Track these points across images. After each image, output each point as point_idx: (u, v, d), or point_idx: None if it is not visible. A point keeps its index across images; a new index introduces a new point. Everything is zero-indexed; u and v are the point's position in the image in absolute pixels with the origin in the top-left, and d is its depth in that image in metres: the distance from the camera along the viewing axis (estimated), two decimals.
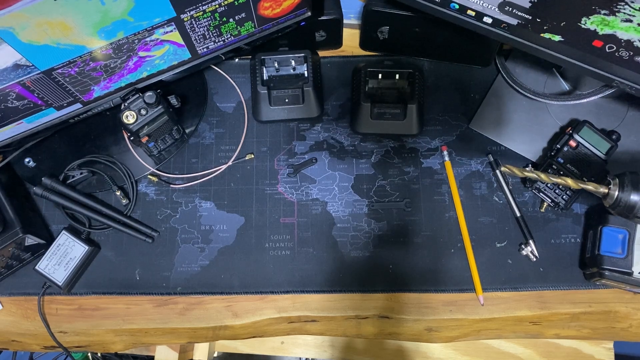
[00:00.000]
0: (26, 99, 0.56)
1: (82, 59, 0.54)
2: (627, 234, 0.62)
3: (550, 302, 0.66)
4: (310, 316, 0.67)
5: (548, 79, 0.73)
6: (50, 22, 0.48)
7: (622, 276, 0.61)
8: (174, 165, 0.72)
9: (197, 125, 0.74)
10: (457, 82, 0.75)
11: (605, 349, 0.68)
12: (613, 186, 0.55)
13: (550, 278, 0.67)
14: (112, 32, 0.53)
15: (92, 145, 0.72)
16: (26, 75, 0.53)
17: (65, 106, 0.61)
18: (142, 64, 0.60)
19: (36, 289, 0.68)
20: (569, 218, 0.69)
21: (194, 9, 0.55)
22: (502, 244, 0.68)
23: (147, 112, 0.63)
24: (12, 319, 0.69)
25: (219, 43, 0.63)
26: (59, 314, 0.68)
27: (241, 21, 0.61)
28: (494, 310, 0.66)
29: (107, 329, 0.67)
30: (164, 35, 0.57)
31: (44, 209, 0.71)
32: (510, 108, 0.73)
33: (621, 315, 0.66)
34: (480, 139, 0.72)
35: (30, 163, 0.71)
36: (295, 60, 0.71)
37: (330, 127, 0.74)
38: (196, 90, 0.75)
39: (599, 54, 0.56)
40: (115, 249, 0.69)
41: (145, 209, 0.71)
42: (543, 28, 0.56)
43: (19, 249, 0.65)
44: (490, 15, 0.58)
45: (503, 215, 0.69)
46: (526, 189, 0.70)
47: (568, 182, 0.56)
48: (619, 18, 0.50)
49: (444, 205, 0.70)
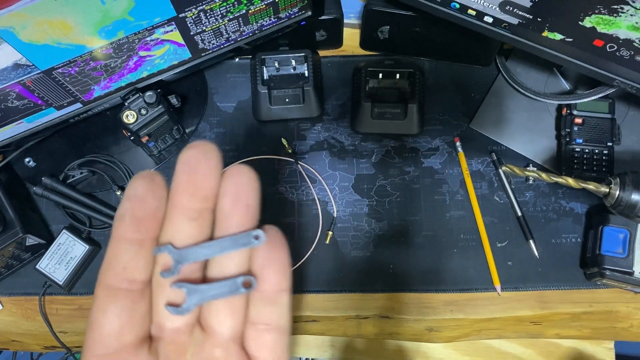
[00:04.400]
0: (26, 98, 0.56)
1: (82, 59, 0.54)
2: (628, 234, 0.62)
3: (551, 302, 0.66)
4: (310, 316, 0.67)
5: (549, 79, 0.73)
6: (51, 21, 0.47)
7: (623, 276, 0.61)
8: (174, 165, 0.72)
9: (198, 125, 0.74)
10: (458, 82, 0.75)
11: (606, 349, 0.68)
12: (614, 186, 0.54)
13: (551, 278, 0.67)
14: (113, 31, 0.52)
15: (92, 145, 0.72)
16: (26, 75, 0.52)
17: (65, 106, 0.61)
18: (142, 63, 0.60)
19: (36, 288, 0.68)
20: (569, 218, 0.69)
21: (194, 8, 0.55)
22: (502, 243, 0.68)
23: (147, 112, 0.63)
24: (12, 319, 0.69)
25: (219, 42, 0.63)
26: (59, 314, 0.68)
27: (242, 20, 0.61)
28: (495, 310, 0.66)
29: None
30: (164, 34, 0.57)
31: (44, 209, 0.71)
32: (510, 108, 0.72)
33: (622, 315, 0.66)
34: (480, 138, 0.72)
35: (30, 163, 0.71)
36: (296, 60, 0.71)
37: (330, 126, 0.74)
38: (196, 90, 0.74)
39: (600, 54, 0.56)
40: None
41: None
42: (544, 27, 0.56)
43: (19, 249, 0.65)
44: (491, 14, 0.58)
45: (504, 215, 0.69)
46: (527, 189, 0.70)
47: (569, 182, 0.56)
48: (619, 17, 0.50)
49: (444, 205, 0.70)
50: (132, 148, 0.72)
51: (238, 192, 0.21)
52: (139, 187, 0.21)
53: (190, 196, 0.21)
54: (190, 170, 0.21)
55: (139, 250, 0.21)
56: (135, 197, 0.21)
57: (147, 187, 0.21)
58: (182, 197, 0.21)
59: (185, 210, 0.21)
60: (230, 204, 0.21)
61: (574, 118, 0.67)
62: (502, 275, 0.67)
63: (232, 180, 0.22)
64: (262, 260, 0.22)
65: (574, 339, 0.67)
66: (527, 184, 0.70)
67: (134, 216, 0.21)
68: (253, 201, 0.22)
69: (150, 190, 0.21)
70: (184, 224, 0.21)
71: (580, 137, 0.67)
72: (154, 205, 0.21)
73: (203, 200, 0.21)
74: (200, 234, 0.22)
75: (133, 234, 0.21)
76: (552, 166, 0.70)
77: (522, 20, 0.56)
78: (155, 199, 0.21)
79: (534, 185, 0.70)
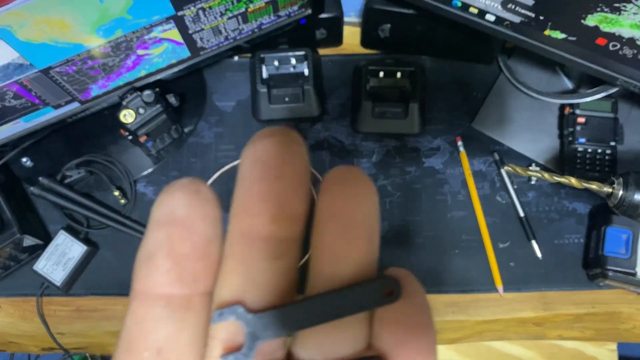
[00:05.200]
0: (24, 98, 0.56)
1: (80, 58, 0.53)
2: (631, 234, 0.62)
3: (553, 303, 0.66)
4: None
5: (551, 77, 0.72)
6: (49, 20, 0.47)
7: (626, 277, 0.60)
8: (172, 165, 0.72)
9: (196, 124, 0.73)
10: (459, 81, 0.74)
11: (608, 350, 0.67)
12: (617, 185, 0.54)
13: (553, 279, 0.66)
14: (111, 30, 0.52)
15: (90, 144, 0.71)
16: (24, 74, 0.52)
17: (63, 105, 0.60)
18: (140, 62, 0.60)
19: (34, 289, 0.67)
20: (572, 218, 0.68)
21: (193, 6, 0.55)
22: (504, 244, 0.67)
23: (145, 111, 0.63)
24: (9, 320, 0.68)
25: (218, 41, 0.63)
26: (56, 315, 0.67)
27: (241, 18, 0.60)
28: (497, 311, 0.66)
29: (105, 331, 0.67)
30: (163, 33, 0.56)
31: (41, 209, 0.70)
32: (513, 107, 0.72)
33: (625, 316, 0.65)
34: (482, 138, 0.71)
35: (27, 163, 0.71)
36: (296, 59, 0.71)
37: (330, 126, 0.73)
38: (195, 89, 0.74)
39: (603, 52, 0.55)
40: (114, 250, 0.69)
41: (144, 209, 0.70)
42: (546, 26, 0.55)
43: (17, 249, 0.65)
44: (493, 12, 0.57)
45: (506, 215, 0.68)
46: (530, 189, 0.69)
47: (572, 182, 0.55)
48: (623, 15, 0.50)
49: (446, 205, 0.69)
50: (130, 148, 0.71)
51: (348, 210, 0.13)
52: (180, 206, 0.12)
53: (271, 217, 0.13)
54: (270, 171, 0.13)
55: (182, 318, 0.13)
56: (175, 223, 0.12)
57: (193, 204, 0.13)
58: (258, 218, 0.13)
59: (262, 241, 0.13)
60: (337, 228, 0.13)
61: (576, 117, 0.66)
62: (504, 276, 0.66)
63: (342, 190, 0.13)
64: (398, 332, 0.13)
65: (577, 340, 0.67)
66: (529, 184, 0.69)
67: (173, 255, 0.12)
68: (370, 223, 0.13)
69: (200, 208, 0.13)
70: (261, 266, 0.13)
71: (583, 136, 0.66)
72: (205, 236, 0.13)
73: (291, 223, 0.13)
74: (288, 285, 0.14)
75: (172, 287, 0.12)
76: (554, 166, 0.69)
77: (524, 19, 0.55)
78: (207, 223, 0.13)
79: (536, 185, 0.69)
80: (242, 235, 0.13)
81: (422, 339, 0.13)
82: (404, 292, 0.13)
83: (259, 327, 0.13)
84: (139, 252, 0.13)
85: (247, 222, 0.13)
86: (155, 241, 0.12)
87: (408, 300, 0.13)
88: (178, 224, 0.12)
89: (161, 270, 0.12)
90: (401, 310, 0.13)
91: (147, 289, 0.12)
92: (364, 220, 0.13)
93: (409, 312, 0.14)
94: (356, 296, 0.13)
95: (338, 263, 0.13)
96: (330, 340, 0.13)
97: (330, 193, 0.13)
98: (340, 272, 0.13)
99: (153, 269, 0.12)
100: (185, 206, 0.12)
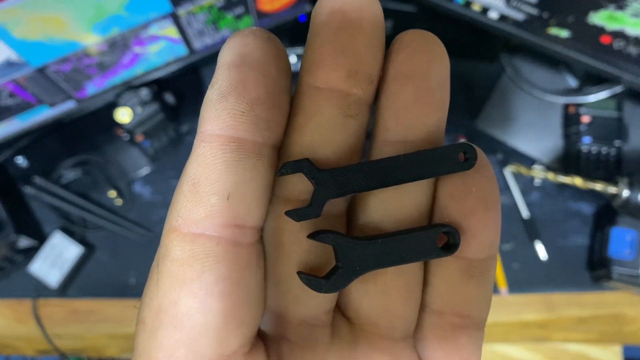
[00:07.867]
0: (19, 96, 0.55)
1: (76, 56, 0.53)
2: (636, 235, 0.61)
3: (557, 305, 0.65)
4: None
5: (555, 76, 0.71)
6: (45, 17, 0.46)
7: (631, 278, 0.60)
8: (169, 164, 0.71)
9: (194, 123, 0.72)
10: (462, 80, 0.73)
11: (613, 353, 0.66)
12: (622, 186, 0.53)
13: (557, 280, 0.65)
14: (107, 27, 0.51)
15: (86, 144, 0.70)
16: (19, 72, 0.51)
17: (58, 104, 0.59)
18: (137, 60, 0.59)
19: (29, 291, 0.66)
20: (576, 219, 0.67)
21: (191, 4, 0.54)
22: (508, 245, 0.66)
23: (142, 110, 0.62)
24: (4, 322, 0.67)
25: (216, 39, 0.62)
26: (53, 317, 0.66)
27: (239, 16, 0.59)
28: (501, 313, 0.65)
29: (101, 333, 0.66)
30: (160, 30, 0.55)
31: (36, 210, 0.69)
32: (516, 106, 0.71)
33: (630, 318, 0.65)
34: (486, 137, 0.70)
35: (22, 162, 0.70)
36: (296, 57, 0.70)
37: None
38: (192, 88, 0.73)
39: (607, 51, 0.54)
40: (110, 252, 0.68)
41: (140, 209, 0.69)
42: (550, 23, 0.54)
43: (12, 250, 0.64)
44: (496, 10, 0.56)
45: (509, 216, 0.67)
46: (534, 189, 0.68)
47: (576, 182, 0.54)
48: (627, 13, 0.49)
49: None
50: (126, 147, 0.70)
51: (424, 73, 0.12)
52: (254, 49, 0.12)
53: (347, 73, 0.12)
54: (349, 24, 0.12)
55: (254, 166, 0.12)
56: (250, 65, 0.11)
57: (266, 50, 0.12)
58: (332, 72, 0.12)
59: (337, 97, 0.12)
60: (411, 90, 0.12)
61: (581, 116, 0.65)
62: (507, 278, 0.65)
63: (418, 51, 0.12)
64: (468, 203, 0.13)
65: (581, 342, 0.66)
66: (533, 184, 0.68)
67: (248, 98, 0.11)
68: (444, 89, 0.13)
69: (273, 55, 0.12)
70: (334, 122, 0.12)
71: (587, 136, 0.66)
72: (279, 84, 0.12)
73: (367, 82, 0.12)
74: (359, 147, 0.13)
75: (246, 132, 0.11)
76: (558, 166, 0.68)
77: (527, 16, 0.55)
78: (280, 72, 0.12)
79: (540, 185, 0.68)
80: (315, 90, 0.12)
81: (490, 210, 0.13)
82: (478, 160, 0.13)
83: (328, 184, 0.12)
84: (208, 92, 0.12)
85: (321, 76, 0.12)
86: (228, 82, 0.11)
87: (479, 171, 0.13)
88: (253, 67, 0.11)
89: (235, 112, 0.11)
90: (471, 181, 0.13)
91: (219, 131, 0.11)
92: (439, 85, 0.13)
93: (479, 183, 0.13)
94: (431, 160, 0.12)
95: (409, 128, 0.13)
96: (394, 203, 0.13)
97: (406, 53, 0.12)
98: (410, 138, 0.13)
99: (226, 111, 0.11)
100: (260, 50, 0.12)
